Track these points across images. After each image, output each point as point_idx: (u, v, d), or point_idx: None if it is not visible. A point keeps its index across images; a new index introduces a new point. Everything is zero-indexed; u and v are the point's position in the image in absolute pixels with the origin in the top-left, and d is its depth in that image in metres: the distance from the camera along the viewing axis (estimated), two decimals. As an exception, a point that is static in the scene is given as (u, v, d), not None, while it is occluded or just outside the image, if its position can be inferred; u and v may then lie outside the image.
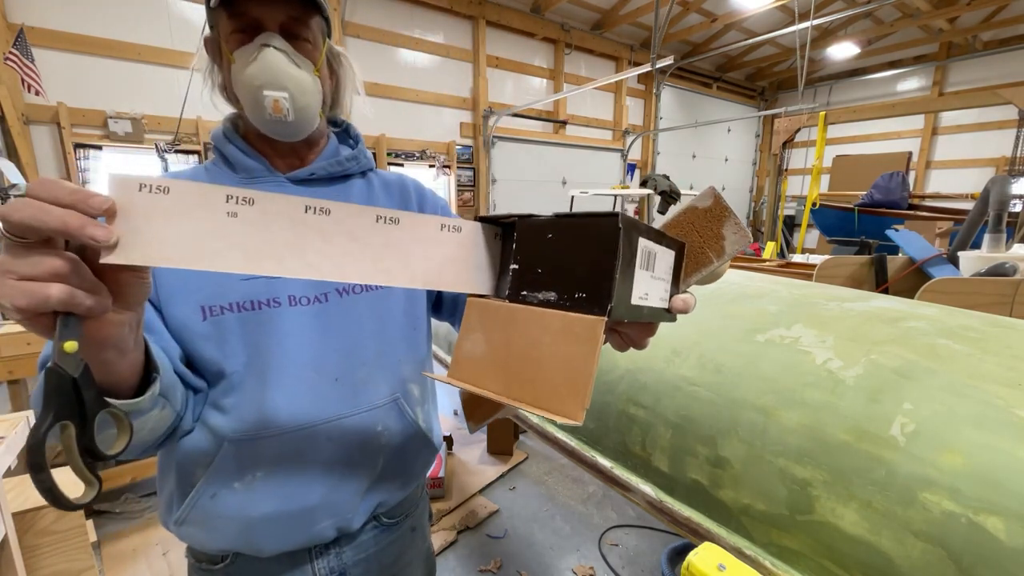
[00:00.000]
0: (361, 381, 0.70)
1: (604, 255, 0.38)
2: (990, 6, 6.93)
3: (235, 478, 0.65)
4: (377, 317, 0.72)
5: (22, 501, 1.35)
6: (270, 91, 0.64)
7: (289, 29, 0.66)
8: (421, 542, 0.90)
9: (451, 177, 6.68)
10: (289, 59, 0.65)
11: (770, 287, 1.13)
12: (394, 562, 0.82)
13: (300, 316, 0.67)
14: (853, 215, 6.60)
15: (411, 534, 0.86)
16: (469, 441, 2.99)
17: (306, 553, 0.73)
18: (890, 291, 2.83)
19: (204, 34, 0.70)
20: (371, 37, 5.78)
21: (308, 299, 0.67)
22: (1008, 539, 0.52)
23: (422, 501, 0.90)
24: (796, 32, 5.34)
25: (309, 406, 0.66)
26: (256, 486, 0.66)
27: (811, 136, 10.09)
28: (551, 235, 0.42)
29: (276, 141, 0.70)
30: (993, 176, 2.86)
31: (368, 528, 0.78)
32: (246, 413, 0.64)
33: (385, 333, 0.73)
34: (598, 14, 7.52)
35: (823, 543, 0.66)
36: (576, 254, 0.40)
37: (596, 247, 0.39)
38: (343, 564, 0.76)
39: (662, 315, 0.48)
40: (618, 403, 0.96)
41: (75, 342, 0.34)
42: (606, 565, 2.03)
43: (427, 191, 0.87)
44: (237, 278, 0.64)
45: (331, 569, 0.74)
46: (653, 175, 7.14)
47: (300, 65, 0.66)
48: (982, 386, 0.65)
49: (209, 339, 0.63)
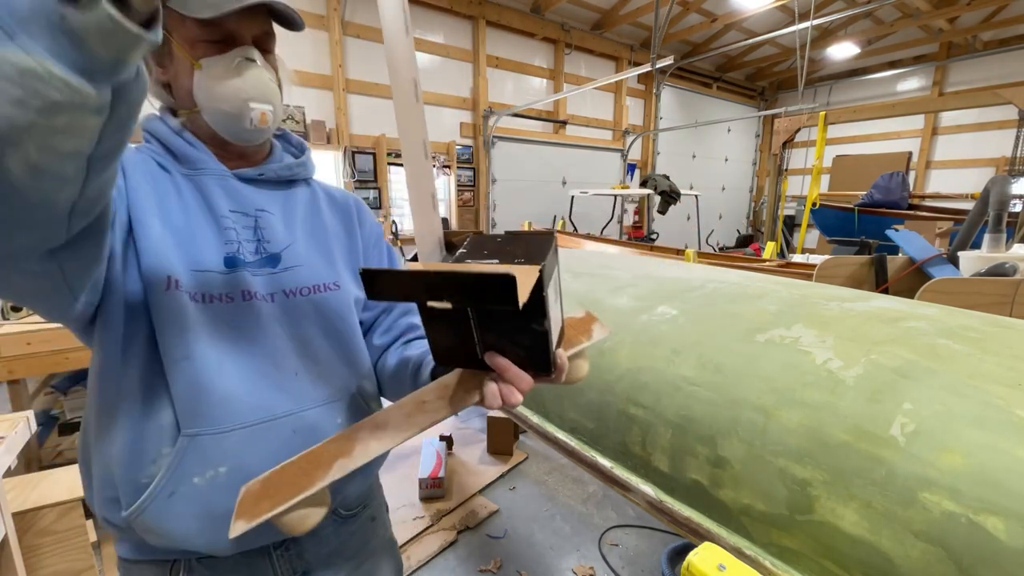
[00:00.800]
0: (319, 376, 0.73)
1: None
2: (990, 6, 6.93)
3: (195, 473, 0.63)
4: (325, 317, 0.75)
5: (22, 501, 1.35)
6: (257, 104, 0.69)
7: (260, 43, 0.70)
8: (383, 531, 0.92)
9: (451, 177, 6.68)
10: (271, 74, 0.71)
11: (770, 287, 1.13)
12: (356, 553, 0.83)
13: (256, 312, 0.69)
14: (853, 215, 6.61)
15: (371, 524, 0.88)
16: (469, 441, 2.99)
17: (264, 554, 0.72)
18: (890, 291, 2.83)
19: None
20: (371, 37, 5.78)
21: (261, 295, 0.70)
22: (1008, 539, 0.52)
23: (378, 492, 0.94)
24: (796, 32, 5.34)
25: (272, 399, 0.67)
26: (219, 481, 0.64)
27: (811, 136, 10.08)
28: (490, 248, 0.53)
29: (229, 143, 0.72)
30: (993, 176, 2.86)
31: (327, 522, 0.78)
32: (204, 406, 0.63)
33: (336, 332, 0.76)
34: (598, 14, 7.52)
35: (823, 543, 0.66)
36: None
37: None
38: (306, 563, 0.76)
39: (547, 356, 0.54)
40: (618, 403, 0.96)
41: None
42: (606, 565, 2.03)
43: (368, 214, 0.91)
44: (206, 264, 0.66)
45: (294, 570, 0.74)
46: (653, 175, 7.15)
47: (273, 79, 0.71)
48: (982, 386, 0.65)
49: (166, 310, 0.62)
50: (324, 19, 5.42)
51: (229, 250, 0.69)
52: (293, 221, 0.77)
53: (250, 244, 0.71)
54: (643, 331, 1.03)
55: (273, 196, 0.76)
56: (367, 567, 0.86)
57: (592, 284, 1.34)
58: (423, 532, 2.19)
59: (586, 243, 5.26)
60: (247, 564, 0.71)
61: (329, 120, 5.58)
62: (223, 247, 0.68)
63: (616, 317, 1.12)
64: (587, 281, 1.37)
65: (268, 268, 0.71)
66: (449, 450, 2.84)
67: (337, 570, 0.80)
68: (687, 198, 7.54)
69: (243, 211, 0.72)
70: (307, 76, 5.39)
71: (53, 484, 1.42)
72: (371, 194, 5.99)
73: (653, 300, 1.13)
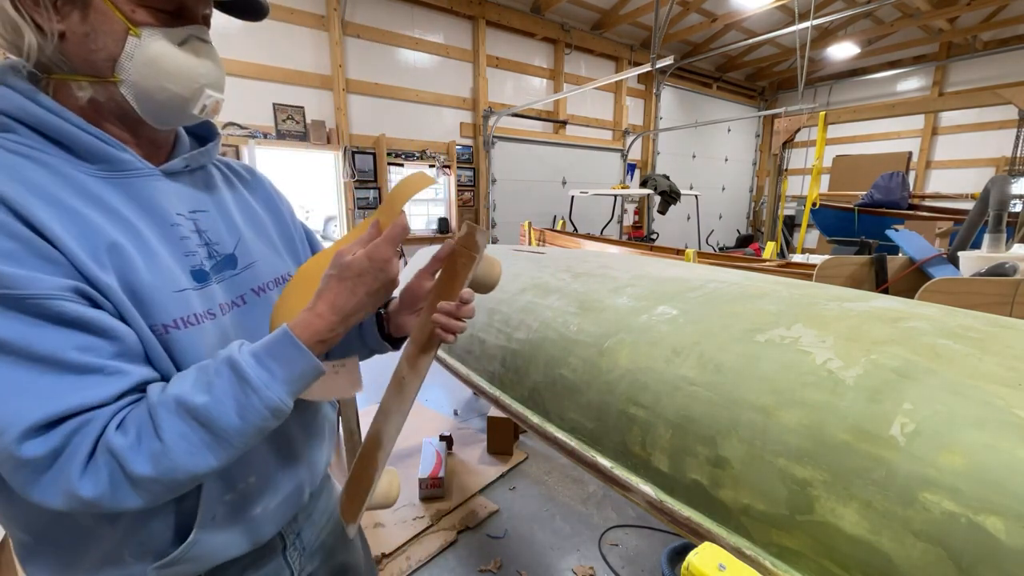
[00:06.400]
0: None
1: None
2: (990, 6, 6.93)
3: (226, 492, 0.64)
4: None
5: (22, 501, 1.34)
6: (213, 91, 0.62)
7: (206, 22, 0.63)
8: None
9: (451, 177, 6.69)
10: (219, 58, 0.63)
11: (770, 287, 1.13)
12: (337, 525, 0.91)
13: (238, 318, 0.66)
14: (853, 215, 6.61)
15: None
16: (469, 441, 2.99)
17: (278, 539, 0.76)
18: (890, 291, 2.83)
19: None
20: (371, 37, 5.78)
21: (233, 301, 0.66)
22: (1008, 539, 0.52)
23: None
24: (796, 32, 5.35)
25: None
26: (250, 489, 0.67)
27: (811, 136, 10.09)
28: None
29: (142, 127, 0.61)
30: (993, 176, 2.86)
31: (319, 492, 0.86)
32: None
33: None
34: (598, 14, 7.52)
35: (823, 543, 0.66)
36: None
37: None
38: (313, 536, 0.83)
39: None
40: (618, 403, 0.96)
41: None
42: (606, 565, 2.03)
43: (275, 186, 0.86)
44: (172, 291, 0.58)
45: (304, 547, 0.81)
46: (653, 175, 7.15)
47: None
48: (982, 386, 0.65)
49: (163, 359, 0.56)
50: (324, 19, 5.43)
51: (192, 263, 0.62)
52: (229, 215, 0.70)
53: (202, 250, 0.64)
54: (643, 331, 1.03)
55: (194, 185, 0.68)
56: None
57: (592, 284, 1.34)
58: (423, 532, 2.19)
59: (586, 243, 5.26)
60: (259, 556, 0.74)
61: (329, 120, 5.59)
62: (185, 260, 0.61)
63: (616, 317, 1.12)
64: (587, 281, 1.37)
65: (228, 271, 0.66)
66: (449, 450, 2.84)
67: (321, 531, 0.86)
68: (687, 198, 7.55)
69: (183, 213, 0.63)
70: (307, 76, 5.40)
71: (53, 484, 1.42)
72: (371, 194, 5.99)
73: (653, 300, 1.13)
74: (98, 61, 0.55)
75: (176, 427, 0.50)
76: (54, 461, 0.47)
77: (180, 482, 0.52)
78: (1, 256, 0.46)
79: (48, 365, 0.47)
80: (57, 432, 0.47)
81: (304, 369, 0.56)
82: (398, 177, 6.18)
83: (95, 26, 0.54)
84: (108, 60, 0.55)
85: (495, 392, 1.34)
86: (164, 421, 0.50)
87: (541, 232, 5.74)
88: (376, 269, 0.58)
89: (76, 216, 0.52)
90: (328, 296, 0.58)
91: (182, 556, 0.60)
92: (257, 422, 0.53)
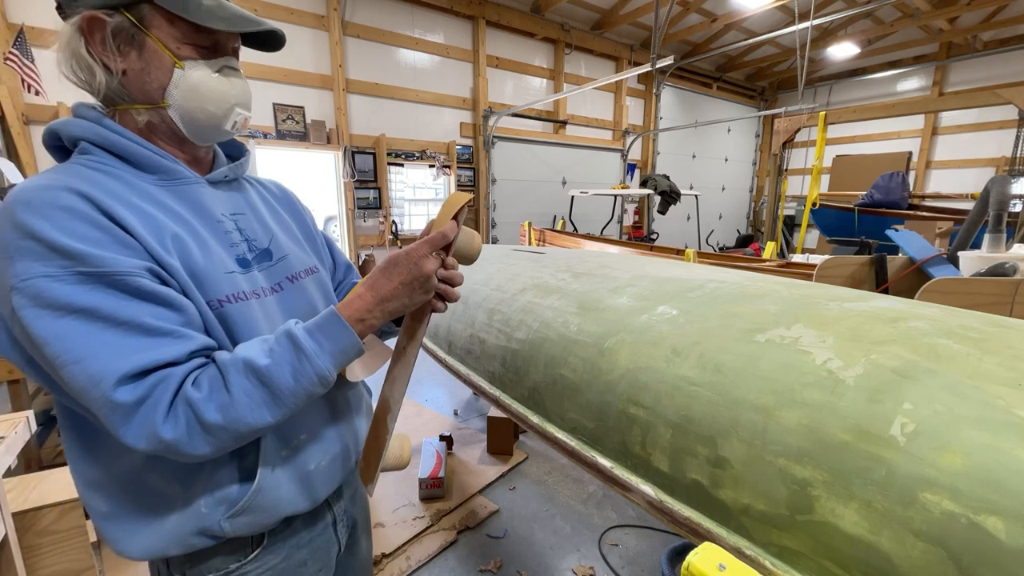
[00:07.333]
0: None
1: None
2: (990, 6, 6.93)
3: (282, 447, 0.74)
4: (323, 293, 0.87)
5: (22, 501, 1.35)
6: (242, 110, 0.75)
7: (235, 54, 0.77)
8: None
9: (451, 177, 6.69)
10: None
11: (770, 287, 1.13)
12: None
13: (280, 298, 0.78)
14: (853, 215, 6.61)
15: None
16: (469, 441, 2.99)
17: (325, 506, 0.86)
18: (890, 291, 2.83)
19: (83, 13, 0.65)
20: (371, 37, 5.78)
21: (275, 284, 0.78)
22: (1008, 539, 0.52)
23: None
24: (796, 32, 5.35)
25: None
26: (303, 445, 0.77)
27: (811, 136, 10.09)
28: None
29: (187, 144, 0.75)
30: (993, 176, 2.86)
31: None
32: None
33: (331, 303, 0.87)
34: (598, 14, 7.52)
35: (823, 543, 0.66)
36: None
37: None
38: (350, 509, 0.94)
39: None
40: (618, 403, 0.96)
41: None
42: (606, 565, 2.03)
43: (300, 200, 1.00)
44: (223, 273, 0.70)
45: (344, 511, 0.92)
46: (653, 175, 7.16)
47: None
48: (982, 386, 0.65)
49: (217, 329, 0.68)
50: (324, 19, 5.42)
51: (237, 252, 0.75)
52: (262, 218, 0.83)
53: (243, 244, 0.77)
54: (643, 331, 1.03)
55: (232, 196, 0.81)
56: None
57: (592, 284, 1.34)
58: (423, 532, 2.19)
59: (586, 243, 5.26)
60: (310, 518, 0.84)
61: (329, 120, 5.58)
62: (231, 250, 0.74)
63: (616, 317, 1.12)
64: (587, 281, 1.37)
65: (266, 262, 0.79)
66: (449, 450, 2.84)
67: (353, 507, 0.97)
68: (687, 198, 7.54)
69: (225, 215, 0.77)
70: (307, 76, 5.39)
71: (53, 484, 1.42)
72: (371, 194, 5.99)
73: (653, 300, 1.13)
74: (152, 90, 0.69)
75: (242, 384, 0.61)
76: (141, 406, 0.57)
77: (242, 433, 0.62)
78: (91, 242, 0.58)
79: (131, 328, 0.58)
80: (143, 383, 0.57)
81: (346, 345, 0.67)
82: (398, 177, 6.22)
83: (149, 62, 0.67)
84: (159, 89, 0.69)
85: (495, 392, 1.34)
86: (232, 378, 0.61)
87: (541, 232, 5.74)
88: (411, 263, 0.70)
89: (144, 214, 0.64)
90: (370, 281, 0.71)
91: (249, 504, 0.70)
92: (307, 386, 0.64)
